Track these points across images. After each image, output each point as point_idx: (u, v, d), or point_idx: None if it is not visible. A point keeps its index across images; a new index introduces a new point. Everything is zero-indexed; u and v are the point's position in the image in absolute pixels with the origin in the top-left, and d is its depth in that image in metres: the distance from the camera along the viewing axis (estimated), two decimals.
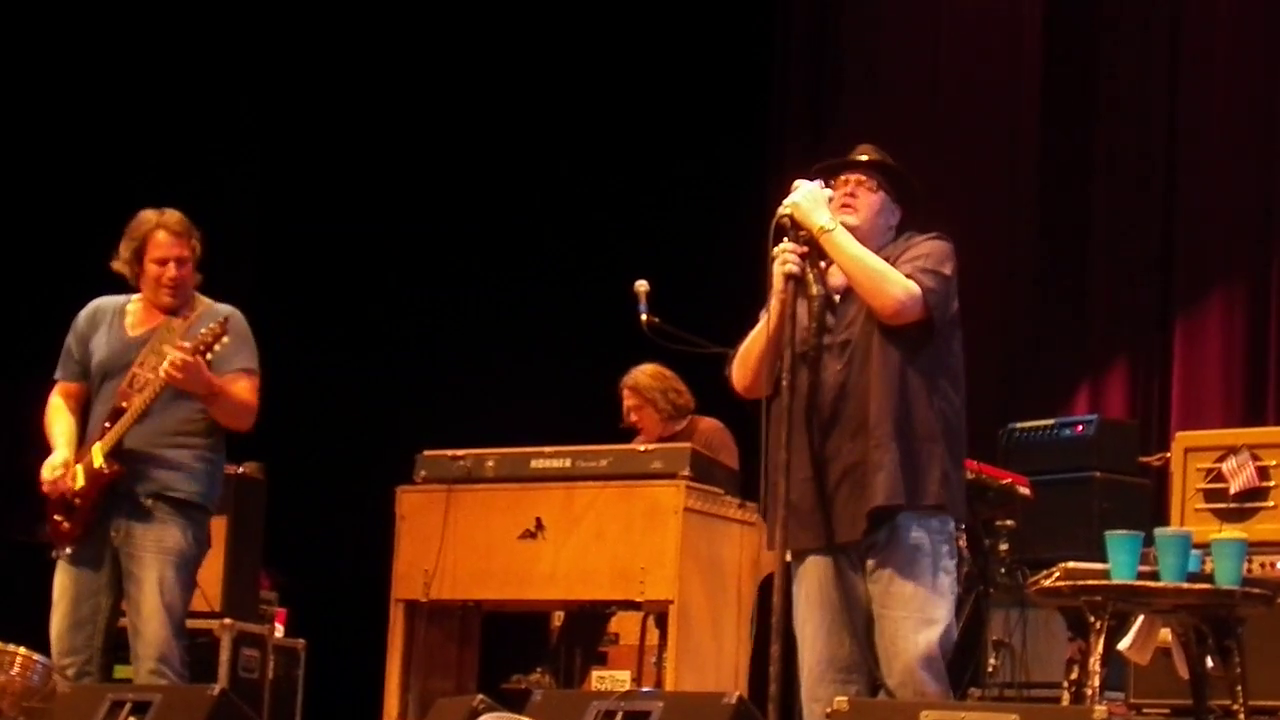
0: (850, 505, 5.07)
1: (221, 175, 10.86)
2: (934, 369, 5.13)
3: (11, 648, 6.11)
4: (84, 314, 6.66)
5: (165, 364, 6.21)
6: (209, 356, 6.23)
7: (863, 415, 5.06)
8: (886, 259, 5.15)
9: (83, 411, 6.56)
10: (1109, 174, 10.05)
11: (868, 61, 10.89)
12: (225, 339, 6.23)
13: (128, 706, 5.56)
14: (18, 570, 6.59)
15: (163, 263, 6.47)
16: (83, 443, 6.46)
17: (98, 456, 6.34)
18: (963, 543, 6.78)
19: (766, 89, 11.21)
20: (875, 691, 5.09)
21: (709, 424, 8.24)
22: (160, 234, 6.46)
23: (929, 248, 5.18)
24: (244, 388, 6.43)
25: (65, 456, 6.42)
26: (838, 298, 5.18)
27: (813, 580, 5.13)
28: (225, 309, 6.53)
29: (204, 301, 6.59)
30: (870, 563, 5.09)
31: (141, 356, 6.42)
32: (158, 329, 6.48)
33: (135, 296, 6.60)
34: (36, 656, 6.17)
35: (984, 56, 10.56)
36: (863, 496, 5.04)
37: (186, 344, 6.22)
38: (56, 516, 6.41)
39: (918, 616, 5.04)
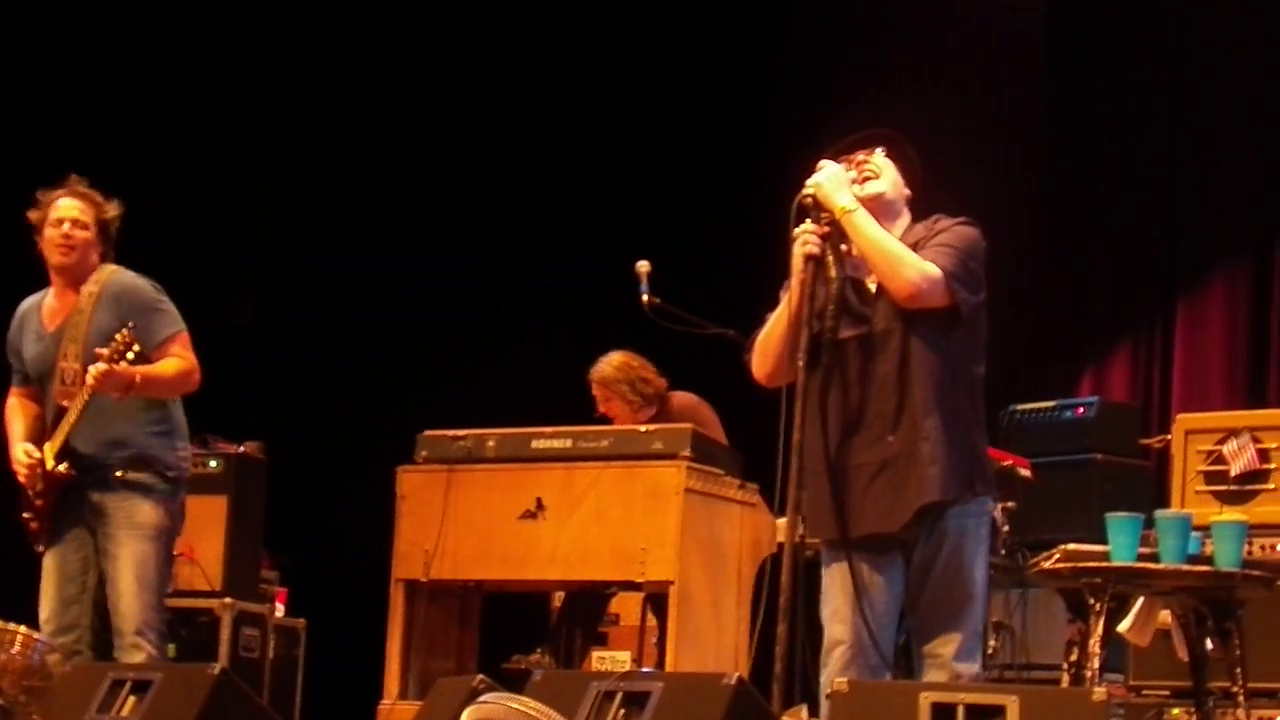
0: (888, 496, 5.01)
1: (238, 161, 10.87)
2: (965, 352, 5.11)
3: (12, 626, 6.10)
4: (13, 322, 6.71)
5: (89, 373, 6.26)
6: (121, 364, 6.24)
7: (901, 406, 5.01)
8: (915, 240, 5.11)
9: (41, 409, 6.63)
10: (1112, 158, 10.05)
11: (872, 41, 10.88)
12: (136, 347, 6.24)
13: (128, 685, 5.56)
14: (19, 549, 6.60)
15: (59, 224, 6.50)
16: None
17: (49, 458, 6.42)
18: (998, 512, 6.77)
19: (770, 70, 11.21)
20: (911, 676, 5.08)
21: (683, 399, 8.13)
22: (63, 200, 6.52)
23: (956, 233, 5.12)
24: (173, 360, 6.43)
25: (25, 447, 6.48)
26: (873, 286, 5.11)
27: (845, 567, 5.07)
28: (127, 280, 6.51)
29: (107, 270, 6.55)
30: (913, 552, 5.05)
31: (63, 349, 6.45)
32: (70, 316, 6.49)
33: (49, 290, 6.61)
34: (37, 635, 6.16)
35: (988, 40, 10.55)
36: (905, 489, 5.00)
37: (104, 351, 6.25)
38: (26, 515, 6.52)
39: (957, 601, 5.03)
